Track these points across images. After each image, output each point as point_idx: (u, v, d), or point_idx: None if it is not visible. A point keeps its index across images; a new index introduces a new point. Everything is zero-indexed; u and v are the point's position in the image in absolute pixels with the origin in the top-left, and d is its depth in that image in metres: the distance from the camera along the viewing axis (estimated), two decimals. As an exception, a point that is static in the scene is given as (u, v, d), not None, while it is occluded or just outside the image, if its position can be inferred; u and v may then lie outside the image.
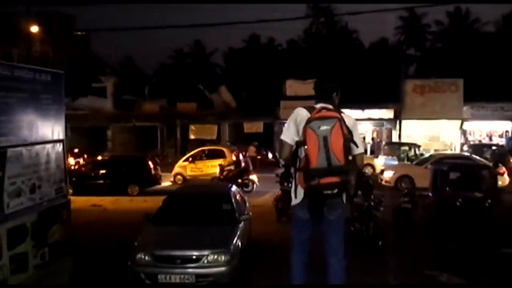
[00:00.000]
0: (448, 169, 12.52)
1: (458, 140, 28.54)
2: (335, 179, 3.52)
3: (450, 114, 27.45)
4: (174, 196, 9.16)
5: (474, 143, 28.04)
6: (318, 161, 3.50)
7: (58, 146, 6.48)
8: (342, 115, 3.70)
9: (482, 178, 12.18)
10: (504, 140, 28.94)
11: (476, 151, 22.88)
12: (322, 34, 45.02)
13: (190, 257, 6.92)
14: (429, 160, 19.27)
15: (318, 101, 3.90)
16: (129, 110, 31.55)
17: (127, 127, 31.66)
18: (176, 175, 20.86)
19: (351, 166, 3.67)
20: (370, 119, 29.72)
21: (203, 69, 50.45)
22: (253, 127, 30.46)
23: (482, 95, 28.93)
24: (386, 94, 31.03)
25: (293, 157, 3.68)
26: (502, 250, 9.31)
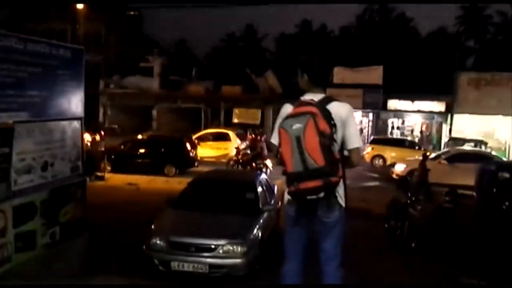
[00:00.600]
0: (496, 169, 11.68)
1: (513, 138, 26.95)
2: (316, 183, 3.06)
3: (507, 110, 25.83)
4: (199, 181, 8.92)
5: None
6: (293, 164, 3.08)
7: (75, 124, 6.33)
8: (325, 107, 3.20)
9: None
10: None
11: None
12: (376, 21, 43.54)
13: (205, 245, 6.65)
14: (444, 154, 18.41)
15: (311, 86, 3.43)
16: (175, 91, 31.67)
17: (172, 108, 31.84)
18: None
19: (343, 164, 3.23)
20: (420, 111, 28.47)
21: (253, 53, 50.28)
22: (297, 114, 29.86)
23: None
24: (439, 86, 29.61)
25: (280, 160, 3.21)
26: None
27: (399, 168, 18.42)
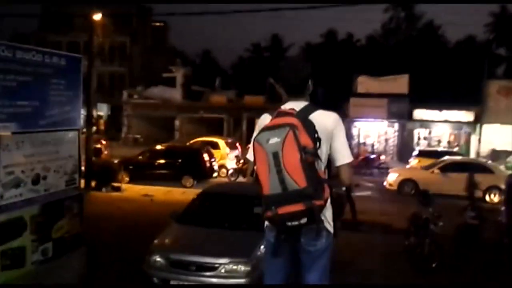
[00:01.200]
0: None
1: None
2: (297, 208, 2.62)
3: (539, 120, 24.81)
4: (205, 194, 8.57)
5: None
6: (270, 185, 2.65)
7: (71, 135, 6.08)
8: (314, 115, 2.83)
9: None
10: None
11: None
12: (402, 29, 42.76)
13: (206, 264, 6.27)
14: (437, 164, 18.00)
15: (287, 98, 3.06)
16: (197, 101, 31.64)
17: (195, 118, 31.79)
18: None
19: (330, 183, 2.82)
20: (447, 121, 27.61)
21: (278, 63, 50.01)
22: (320, 124, 29.38)
23: None
24: (467, 95, 28.72)
25: (256, 179, 2.78)
26: None
27: (391, 178, 17.91)
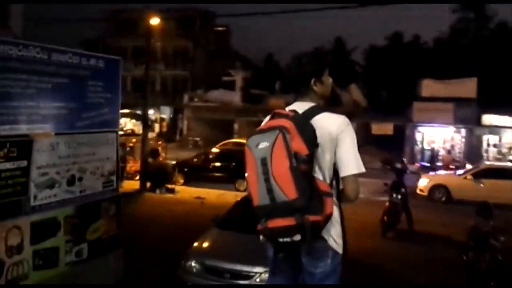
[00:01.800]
0: None
1: None
2: (287, 222, 2.31)
3: None
4: (248, 198, 8.37)
5: None
6: (259, 195, 2.37)
7: (109, 136, 6.10)
8: (317, 118, 2.53)
9: None
10: None
11: None
12: (471, 30, 40.64)
13: (241, 272, 6.08)
14: (471, 170, 16.97)
15: (295, 98, 2.80)
16: (256, 104, 31.64)
17: (254, 121, 31.77)
18: None
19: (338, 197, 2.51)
20: (520, 128, 25.88)
21: (341, 66, 49.50)
22: (382, 129, 28.45)
23: None
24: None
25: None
26: None
27: (423, 183, 17.13)
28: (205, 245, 6.82)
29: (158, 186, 15.51)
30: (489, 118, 26.32)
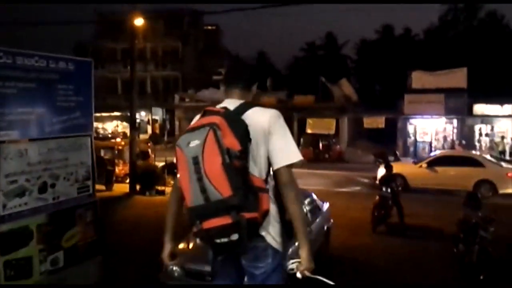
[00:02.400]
0: None
1: None
2: (222, 221, 2.26)
3: None
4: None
5: None
6: (191, 195, 2.31)
7: (82, 141, 5.94)
8: (248, 113, 2.49)
9: None
10: None
11: None
12: (460, 20, 40.63)
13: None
14: (427, 158, 17.44)
15: (227, 91, 2.78)
16: (247, 103, 31.52)
17: (245, 120, 31.71)
18: None
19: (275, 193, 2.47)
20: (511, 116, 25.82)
21: (333, 61, 49.51)
22: (373, 122, 28.38)
23: None
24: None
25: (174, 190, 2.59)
26: None
27: (381, 173, 16.87)
28: (185, 248, 6.68)
29: (147, 188, 15.35)
30: (480, 108, 26.28)
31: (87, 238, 5.99)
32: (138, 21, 15.56)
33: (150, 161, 17.56)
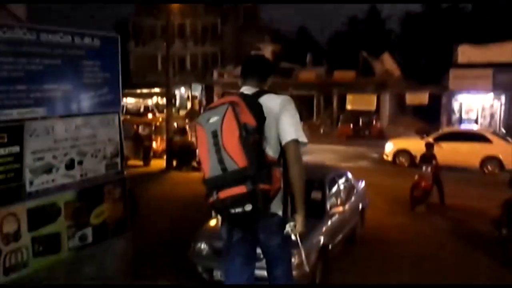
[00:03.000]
0: None
1: None
2: (238, 190, 2.46)
3: None
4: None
5: None
6: (210, 167, 2.53)
7: (110, 118, 5.90)
8: (262, 98, 2.72)
9: None
10: None
11: None
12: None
13: (250, 254, 5.82)
14: (436, 134, 16.89)
15: (244, 80, 2.97)
16: (286, 78, 31.07)
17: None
18: None
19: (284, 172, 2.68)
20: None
21: (376, 35, 48.20)
22: (416, 98, 27.49)
23: None
24: None
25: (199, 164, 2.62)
26: None
27: (388, 148, 17.12)
28: (214, 226, 6.62)
29: (184, 164, 15.45)
30: (531, 83, 24.94)
31: (116, 214, 6.00)
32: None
33: (188, 137, 17.62)
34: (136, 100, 37.57)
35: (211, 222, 6.66)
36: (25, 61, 4.78)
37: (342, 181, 8.11)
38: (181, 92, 39.87)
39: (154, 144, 17.38)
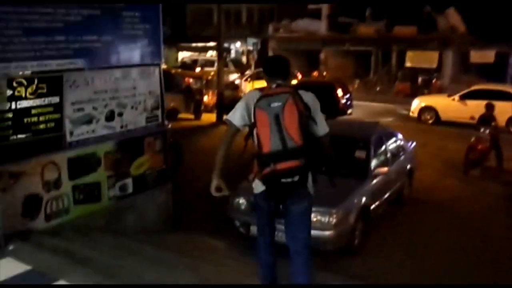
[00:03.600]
0: None
1: None
2: (294, 163, 2.95)
3: None
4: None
5: None
6: (271, 143, 2.96)
7: (150, 70, 5.89)
8: (297, 91, 3.18)
9: None
10: None
11: None
12: None
13: (287, 211, 5.75)
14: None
15: (272, 78, 3.27)
16: (343, 33, 30.05)
17: (341, 51, 30.40)
18: None
19: (315, 148, 3.17)
20: None
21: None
22: (482, 56, 25.87)
23: None
24: None
25: (245, 145, 3.21)
26: None
27: (414, 104, 16.98)
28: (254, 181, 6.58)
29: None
30: None
31: (156, 166, 6.09)
32: None
33: (239, 91, 17.57)
34: (191, 54, 37.74)
35: (251, 177, 6.62)
36: (63, 11, 4.78)
37: (390, 141, 7.81)
38: (236, 46, 39.62)
39: (206, 97, 17.45)
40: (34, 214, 4.73)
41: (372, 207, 6.46)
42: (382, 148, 7.40)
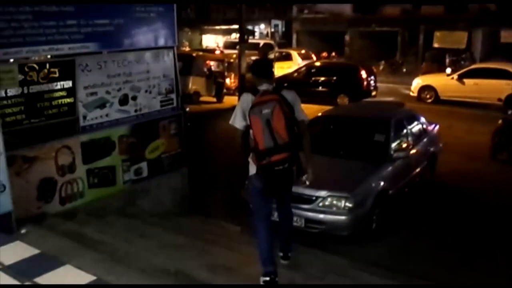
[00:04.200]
0: None
1: None
2: (283, 155, 3.68)
3: None
4: (324, 117, 7.81)
5: None
6: (264, 142, 3.64)
7: (164, 54, 5.84)
8: (281, 94, 3.79)
9: None
10: None
11: None
12: None
13: (302, 195, 5.68)
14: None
15: (261, 80, 3.85)
16: (369, 14, 29.42)
17: (366, 32, 29.79)
18: None
19: (298, 138, 3.85)
20: None
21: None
22: (512, 36, 25.03)
23: None
24: None
25: (244, 140, 3.84)
26: None
27: (414, 83, 17.09)
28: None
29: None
30: None
31: (172, 150, 6.08)
32: None
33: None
34: (215, 36, 37.60)
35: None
36: (75, -6, 4.75)
37: (411, 124, 7.61)
38: (260, 28, 39.25)
39: (228, 80, 17.35)
40: (49, 197, 4.78)
41: (390, 192, 6.33)
42: (403, 131, 7.22)
